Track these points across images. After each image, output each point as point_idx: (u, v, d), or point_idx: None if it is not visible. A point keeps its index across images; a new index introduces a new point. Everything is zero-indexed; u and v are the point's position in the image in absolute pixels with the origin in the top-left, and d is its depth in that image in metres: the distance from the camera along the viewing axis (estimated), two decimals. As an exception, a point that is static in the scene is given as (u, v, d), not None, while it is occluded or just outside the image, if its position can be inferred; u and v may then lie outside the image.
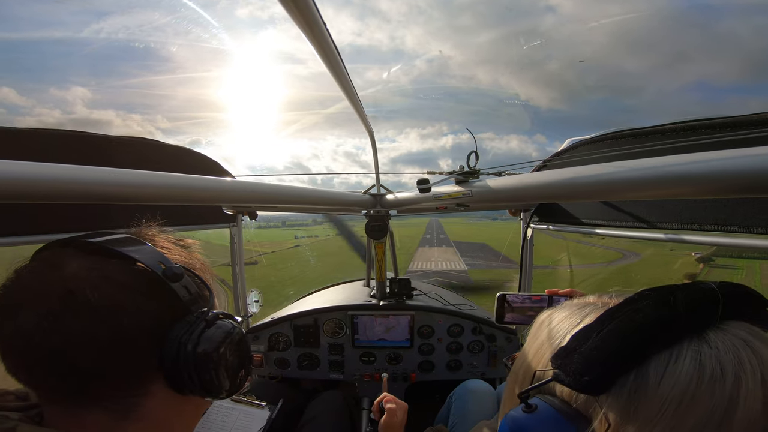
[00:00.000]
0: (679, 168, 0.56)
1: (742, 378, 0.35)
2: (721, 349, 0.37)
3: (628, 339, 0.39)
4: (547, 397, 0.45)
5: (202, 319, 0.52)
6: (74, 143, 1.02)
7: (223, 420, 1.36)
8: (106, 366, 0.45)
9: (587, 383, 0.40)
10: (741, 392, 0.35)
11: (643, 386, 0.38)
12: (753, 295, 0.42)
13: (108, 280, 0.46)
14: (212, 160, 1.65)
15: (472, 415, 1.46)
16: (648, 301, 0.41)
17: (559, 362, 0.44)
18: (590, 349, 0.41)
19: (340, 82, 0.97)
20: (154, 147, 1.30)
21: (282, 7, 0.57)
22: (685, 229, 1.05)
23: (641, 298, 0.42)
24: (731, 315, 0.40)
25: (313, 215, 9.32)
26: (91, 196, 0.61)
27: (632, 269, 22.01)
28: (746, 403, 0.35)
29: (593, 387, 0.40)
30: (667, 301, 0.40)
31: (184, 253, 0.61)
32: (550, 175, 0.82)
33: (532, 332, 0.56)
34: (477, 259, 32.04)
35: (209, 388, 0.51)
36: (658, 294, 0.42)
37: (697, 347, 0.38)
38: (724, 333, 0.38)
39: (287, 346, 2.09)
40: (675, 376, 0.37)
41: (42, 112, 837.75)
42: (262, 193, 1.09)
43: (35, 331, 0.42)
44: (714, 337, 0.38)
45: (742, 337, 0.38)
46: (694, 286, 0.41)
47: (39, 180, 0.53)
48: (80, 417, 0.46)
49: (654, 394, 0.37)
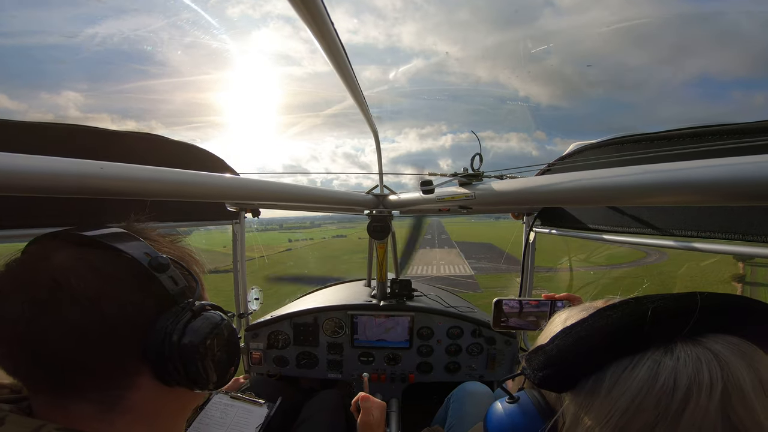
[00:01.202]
0: (685, 174, 0.56)
1: (693, 391, 0.35)
2: (681, 360, 0.37)
3: (585, 343, 0.41)
4: (531, 390, 0.49)
5: (188, 309, 0.52)
6: (80, 137, 1.03)
7: (221, 417, 1.37)
8: (90, 356, 0.45)
9: (542, 378, 0.44)
10: (689, 406, 0.35)
11: (598, 390, 0.39)
12: (739, 308, 0.40)
13: (93, 271, 0.46)
14: (216, 156, 1.65)
15: (469, 417, 1.46)
16: (620, 310, 0.41)
17: (528, 357, 0.48)
18: (552, 348, 0.44)
19: (346, 82, 0.97)
20: (160, 142, 1.31)
21: (280, 7, 0.57)
22: (691, 236, 1.05)
23: (619, 306, 0.42)
24: (716, 328, 0.39)
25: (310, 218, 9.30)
26: (93, 191, 0.61)
27: (662, 269, 20.79)
28: (692, 417, 0.34)
29: (548, 383, 0.44)
30: (636, 311, 0.40)
31: (172, 246, 0.60)
32: (555, 178, 0.82)
33: (544, 329, 0.58)
34: (484, 261, 29.83)
35: (195, 379, 0.51)
36: (635, 303, 0.42)
37: (659, 358, 0.38)
38: (695, 345, 0.38)
39: (286, 344, 2.09)
40: (627, 384, 0.38)
41: (35, 117, 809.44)
42: (265, 191, 1.09)
43: (19, 320, 0.43)
44: (681, 349, 0.38)
45: (714, 350, 0.37)
46: (673, 298, 0.40)
47: (41, 174, 0.53)
48: (66, 408, 0.46)
49: (605, 398, 0.38)
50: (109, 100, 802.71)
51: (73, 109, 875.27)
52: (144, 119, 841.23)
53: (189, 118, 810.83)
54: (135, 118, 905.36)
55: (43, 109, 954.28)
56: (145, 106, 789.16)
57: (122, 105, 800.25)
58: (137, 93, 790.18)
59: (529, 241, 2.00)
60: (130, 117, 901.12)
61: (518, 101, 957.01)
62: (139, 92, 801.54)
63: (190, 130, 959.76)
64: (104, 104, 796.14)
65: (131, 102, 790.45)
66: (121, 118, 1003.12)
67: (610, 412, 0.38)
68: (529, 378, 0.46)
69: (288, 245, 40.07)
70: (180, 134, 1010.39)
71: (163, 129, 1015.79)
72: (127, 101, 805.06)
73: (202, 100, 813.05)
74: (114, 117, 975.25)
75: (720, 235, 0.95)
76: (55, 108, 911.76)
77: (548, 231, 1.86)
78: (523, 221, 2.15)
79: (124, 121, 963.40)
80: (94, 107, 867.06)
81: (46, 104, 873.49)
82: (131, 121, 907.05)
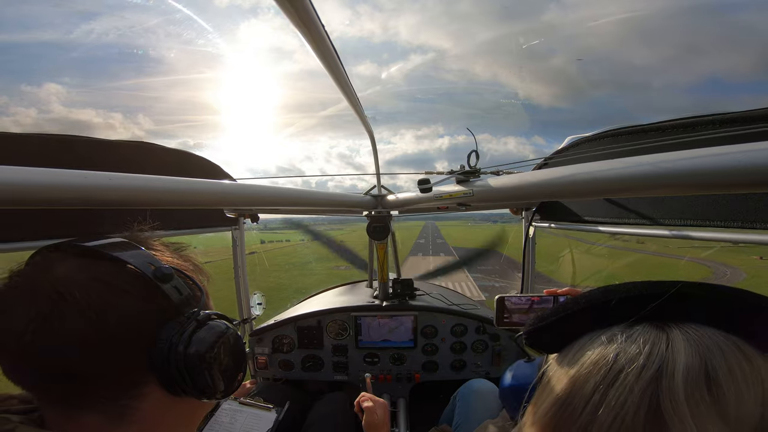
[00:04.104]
0: (679, 164, 0.56)
1: (625, 368, 0.36)
2: (632, 338, 0.39)
3: (566, 316, 0.46)
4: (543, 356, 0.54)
5: (193, 319, 0.52)
6: (75, 148, 1.03)
7: (230, 422, 1.37)
8: (96, 367, 0.45)
9: (527, 336, 0.52)
10: (617, 381, 0.36)
11: (568, 354, 0.44)
12: (728, 301, 0.39)
13: (97, 282, 0.47)
14: (213, 163, 1.65)
15: (476, 414, 1.46)
16: (603, 290, 0.44)
17: (528, 326, 0.54)
18: (543, 316, 0.49)
19: (339, 84, 0.97)
20: (155, 151, 1.31)
21: (276, 6, 0.56)
22: (688, 225, 1.05)
23: (603, 288, 0.45)
24: (696, 317, 0.39)
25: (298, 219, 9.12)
26: (92, 201, 0.61)
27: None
28: (617, 392, 0.35)
29: (536, 343, 0.51)
30: (615, 291, 0.43)
31: (176, 255, 0.61)
32: (552, 173, 0.83)
33: None
34: (493, 277, 21.19)
35: (203, 389, 0.51)
36: (618, 286, 0.44)
37: (614, 335, 0.40)
38: (659, 330, 0.38)
39: (291, 348, 2.09)
40: (584, 353, 0.41)
41: (28, 113, 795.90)
42: (263, 196, 1.09)
43: (25, 332, 0.43)
44: (640, 330, 0.39)
45: (672, 335, 0.37)
46: (656, 284, 0.41)
47: (37, 186, 0.53)
48: (76, 419, 0.46)
49: (569, 362, 0.43)
50: (103, 97, 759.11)
51: (66, 106, 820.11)
52: (137, 117, 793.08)
53: (184, 117, 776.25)
54: (130, 116, 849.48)
55: (39, 106, 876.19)
56: (140, 104, 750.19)
57: (118, 102, 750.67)
58: (133, 90, 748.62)
59: (528, 235, 2.00)
60: (126, 114, 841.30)
61: (518, 101, 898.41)
62: (135, 89, 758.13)
63: (187, 129, 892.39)
64: (99, 101, 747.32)
65: (128, 100, 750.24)
66: (116, 115, 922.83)
67: (569, 374, 0.41)
68: (522, 336, 0.53)
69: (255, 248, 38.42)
70: (175, 133, 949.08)
71: (158, 126, 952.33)
72: (123, 99, 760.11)
73: (198, 98, 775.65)
74: (107, 114, 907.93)
75: (718, 224, 0.96)
76: (46, 104, 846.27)
77: (547, 225, 1.86)
78: (521, 216, 2.15)
79: (120, 119, 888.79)
80: (88, 104, 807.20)
81: (39, 100, 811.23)
82: (125, 117, 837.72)
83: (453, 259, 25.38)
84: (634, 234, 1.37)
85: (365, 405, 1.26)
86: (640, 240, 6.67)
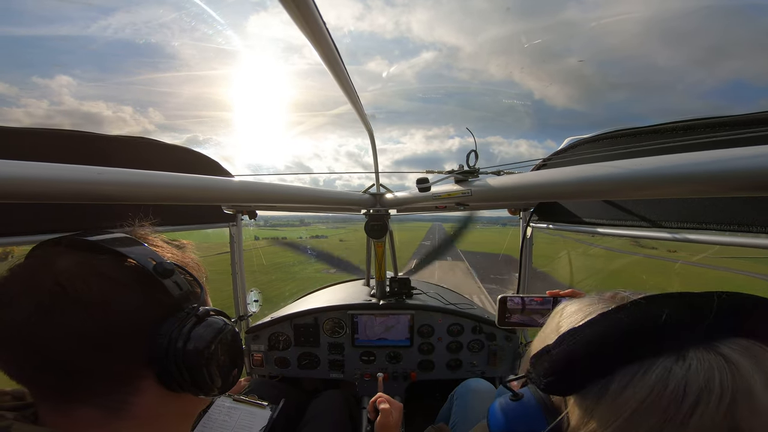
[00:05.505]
0: (678, 167, 0.56)
1: (702, 399, 0.34)
2: (692, 368, 0.36)
3: (593, 348, 0.40)
4: (536, 388, 0.48)
5: (193, 315, 0.52)
6: (74, 143, 1.02)
7: (225, 420, 1.37)
8: (94, 361, 0.45)
9: (548, 384, 0.43)
10: (696, 412, 0.34)
11: (604, 394, 0.39)
12: (756, 310, 0.38)
13: (98, 276, 0.46)
14: (212, 160, 1.65)
15: (473, 414, 1.46)
16: (630, 312, 0.40)
17: (533, 361, 0.47)
18: (559, 353, 0.43)
19: (339, 82, 0.97)
20: (154, 146, 1.31)
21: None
22: (686, 228, 1.06)
23: (629, 307, 0.41)
24: (731, 331, 0.38)
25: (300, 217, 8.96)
26: (90, 196, 0.61)
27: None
28: (699, 423, 0.34)
29: (554, 388, 0.43)
30: (648, 316, 0.39)
31: (176, 252, 0.61)
32: (550, 174, 0.83)
33: (548, 320, 0.58)
34: (509, 287, 14.61)
35: (200, 385, 0.51)
36: (646, 305, 0.40)
37: (669, 365, 0.37)
38: (708, 351, 0.37)
39: (287, 346, 2.09)
40: (635, 390, 0.37)
41: (43, 105, 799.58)
42: (260, 193, 1.09)
43: (24, 325, 0.43)
44: (693, 356, 0.36)
45: (726, 355, 0.36)
46: (686, 300, 0.39)
47: (37, 180, 0.53)
48: (71, 414, 0.46)
49: (612, 402, 0.38)
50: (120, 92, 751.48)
51: (81, 100, 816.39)
52: (150, 111, 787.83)
53: (196, 112, 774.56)
54: (141, 110, 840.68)
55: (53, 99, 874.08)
56: (153, 99, 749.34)
57: (133, 96, 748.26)
58: (147, 85, 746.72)
59: (526, 236, 2.01)
60: (138, 109, 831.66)
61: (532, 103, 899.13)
62: (149, 84, 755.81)
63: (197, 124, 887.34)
64: (115, 95, 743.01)
65: (142, 94, 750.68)
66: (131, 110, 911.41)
67: (615, 415, 0.37)
68: (534, 383, 0.46)
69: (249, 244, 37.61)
70: (187, 128, 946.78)
71: (169, 121, 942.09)
72: (137, 93, 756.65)
73: (210, 94, 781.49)
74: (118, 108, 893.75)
75: (716, 227, 0.96)
76: (57, 96, 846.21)
77: (545, 226, 1.87)
78: (520, 216, 2.15)
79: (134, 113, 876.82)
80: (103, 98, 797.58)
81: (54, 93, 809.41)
82: (138, 112, 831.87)
83: (464, 265, 22.75)
84: (632, 236, 1.37)
85: (382, 407, 1.24)
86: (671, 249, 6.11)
